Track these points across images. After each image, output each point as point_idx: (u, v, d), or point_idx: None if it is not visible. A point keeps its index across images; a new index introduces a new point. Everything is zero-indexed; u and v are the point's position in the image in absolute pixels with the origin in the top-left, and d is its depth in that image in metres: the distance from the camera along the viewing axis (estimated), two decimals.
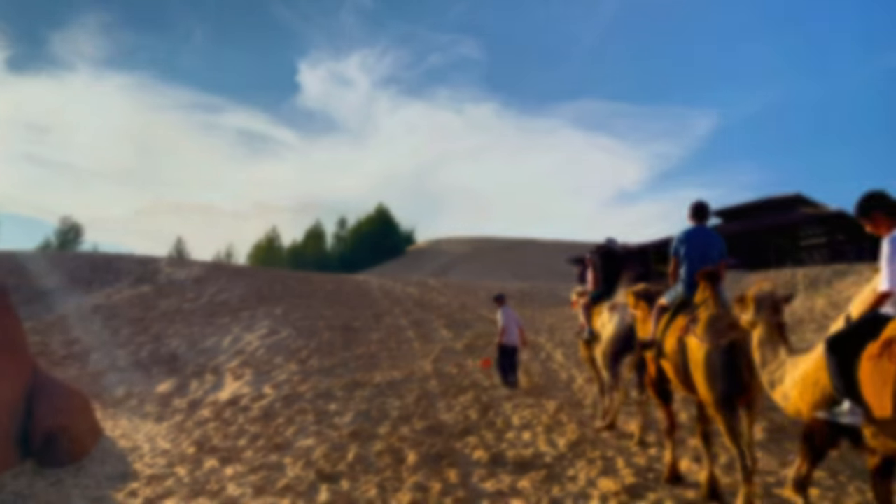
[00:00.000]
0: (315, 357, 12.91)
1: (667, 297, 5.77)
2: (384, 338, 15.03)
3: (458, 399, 9.76)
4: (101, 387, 12.79)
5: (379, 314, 18.35)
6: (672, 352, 5.27)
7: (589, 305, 8.21)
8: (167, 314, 18.86)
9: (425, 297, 23.14)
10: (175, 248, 78.55)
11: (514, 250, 76.52)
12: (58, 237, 69.00)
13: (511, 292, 27.01)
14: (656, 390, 5.97)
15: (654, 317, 5.81)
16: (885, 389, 3.34)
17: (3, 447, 7.86)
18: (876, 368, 3.42)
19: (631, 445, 6.93)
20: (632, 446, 6.89)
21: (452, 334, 15.72)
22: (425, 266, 72.72)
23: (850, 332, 3.74)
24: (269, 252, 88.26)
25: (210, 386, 12.06)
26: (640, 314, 6.29)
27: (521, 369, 11.82)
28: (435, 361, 12.59)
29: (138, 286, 24.51)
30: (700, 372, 4.85)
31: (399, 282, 29.38)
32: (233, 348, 14.36)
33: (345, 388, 10.70)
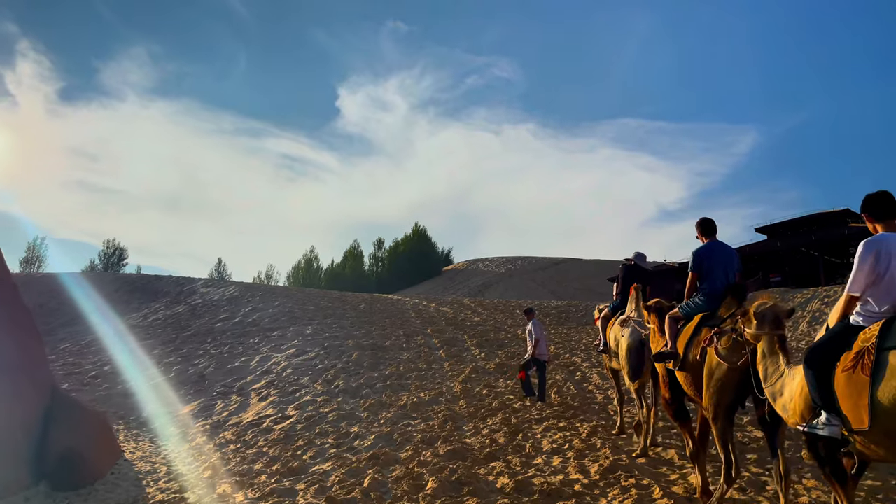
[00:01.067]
0: (342, 377, 12.56)
1: (682, 310, 5.74)
2: (414, 358, 14.62)
3: (486, 421, 9.27)
4: (128, 407, 12.67)
5: (410, 333, 17.96)
6: (694, 362, 5.25)
7: (606, 319, 8.30)
8: (199, 334, 18.82)
9: (459, 317, 22.70)
10: (216, 270, 79.83)
11: (552, 269, 75.52)
12: (102, 259, 70.81)
13: (547, 311, 26.45)
14: (672, 410, 5.92)
15: (669, 328, 5.74)
16: (860, 401, 3.33)
17: (16, 468, 7.67)
18: (850, 380, 3.42)
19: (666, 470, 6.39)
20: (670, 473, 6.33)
21: (484, 354, 15.23)
22: (462, 286, 72.27)
23: (824, 344, 3.76)
24: (307, 273, 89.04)
25: (235, 407, 11.81)
26: (654, 328, 6.28)
27: (554, 390, 11.29)
28: (464, 382, 12.12)
29: (174, 306, 24.68)
30: (712, 383, 4.91)
31: (434, 301, 29.02)
32: (260, 368, 14.13)
33: (369, 409, 10.31)
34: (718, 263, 5.64)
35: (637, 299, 7.44)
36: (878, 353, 3.35)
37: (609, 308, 8.47)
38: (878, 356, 3.34)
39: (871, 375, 3.33)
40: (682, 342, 5.52)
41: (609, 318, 8.31)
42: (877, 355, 3.35)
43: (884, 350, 3.32)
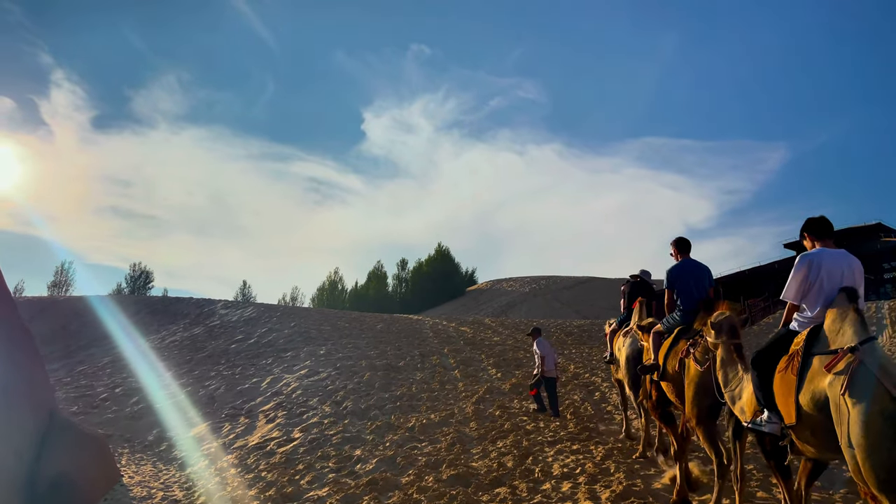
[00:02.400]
0: (351, 398, 12.19)
1: (663, 325, 6.24)
2: (427, 378, 14.21)
3: (495, 444, 8.81)
4: (135, 430, 12.45)
5: (426, 353, 17.56)
6: (673, 372, 5.73)
7: (614, 331, 8.61)
8: (213, 356, 18.64)
9: (478, 336, 22.24)
10: (240, 292, 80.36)
11: (577, 289, 74.56)
12: (129, 283, 71.76)
13: (570, 330, 25.86)
14: (658, 414, 6.41)
15: (652, 343, 6.32)
16: (789, 399, 3.72)
17: (7, 494, 7.41)
18: (783, 380, 3.81)
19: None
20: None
21: (500, 374, 14.75)
22: (486, 306, 71.67)
23: (766, 348, 4.14)
24: (331, 294, 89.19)
25: (242, 429, 11.50)
26: (646, 345, 6.70)
27: (570, 410, 10.80)
28: (477, 402, 11.67)
29: (192, 328, 24.62)
30: (692, 389, 5.34)
31: (454, 321, 28.59)
32: (271, 390, 13.83)
33: (376, 431, 9.91)
34: (690, 280, 6.03)
35: (640, 312, 7.59)
36: (804, 357, 3.73)
37: (617, 321, 8.80)
38: (804, 359, 3.72)
39: (798, 376, 3.71)
40: (662, 354, 6.00)
41: (616, 330, 8.63)
42: (803, 358, 3.73)
43: (810, 354, 3.70)
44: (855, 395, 3.27)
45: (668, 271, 6.20)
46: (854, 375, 3.30)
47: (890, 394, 3.16)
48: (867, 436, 3.18)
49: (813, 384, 3.58)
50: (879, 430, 3.15)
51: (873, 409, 3.18)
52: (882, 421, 3.14)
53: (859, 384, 3.28)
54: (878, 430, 3.15)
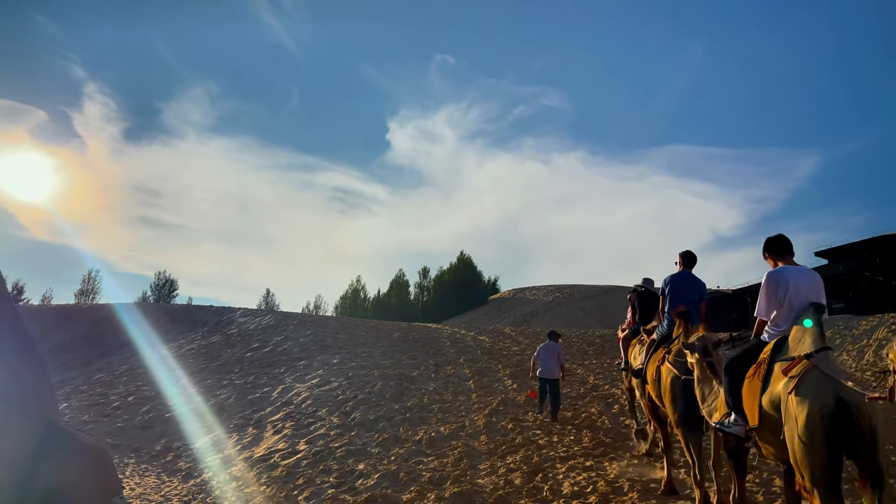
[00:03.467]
0: (360, 409, 11.88)
1: (656, 333, 6.66)
2: (440, 388, 13.84)
3: (505, 459, 8.43)
4: (143, 440, 12.28)
5: (441, 363, 17.19)
6: (653, 378, 6.25)
7: (628, 339, 8.65)
8: (227, 364, 18.49)
9: (496, 346, 21.79)
10: (263, 300, 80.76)
11: (601, 298, 73.53)
12: (153, 291, 72.54)
13: (592, 339, 25.28)
14: (651, 413, 6.98)
15: (646, 350, 6.78)
16: (754, 402, 4.02)
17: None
18: (750, 385, 4.13)
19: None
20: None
21: (517, 385, 14.31)
22: (508, 315, 71.04)
23: (739, 356, 4.46)
24: (353, 302, 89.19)
25: (249, 440, 11.26)
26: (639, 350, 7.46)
27: (587, 423, 10.35)
28: (490, 415, 11.27)
29: (209, 336, 24.57)
30: (667, 395, 5.77)
31: (472, 330, 28.17)
32: (281, 399, 13.59)
33: (382, 444, 9.58)
34: (680, 291, 6.45)
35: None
36: (769, 364, 4.05)
37: (630, 330, 8.72)
38: (769, 366, 4.04)
39: (762, 381, 4.02)
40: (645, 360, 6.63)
41: (630, 338, 8.59)
42: (768, 365, 4.05)
43: (774, 362, 4.01)
44: (801, 395, 3.56)
45: (664, 280, 6.70)
46: (804, 377, 3.60)
47: (833, 395, 3.41)
48: (806, 432, 3.44)
49: (772, 387, 3.92)
50: (818, 427, 3.39)
51: (814, 407, 3.44)
52: (821, 419, 3.39)
53: (807, 386, 3.56)
54: (816, 428, 3.40)
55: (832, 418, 3.36)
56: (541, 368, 11.35)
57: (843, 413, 3.35)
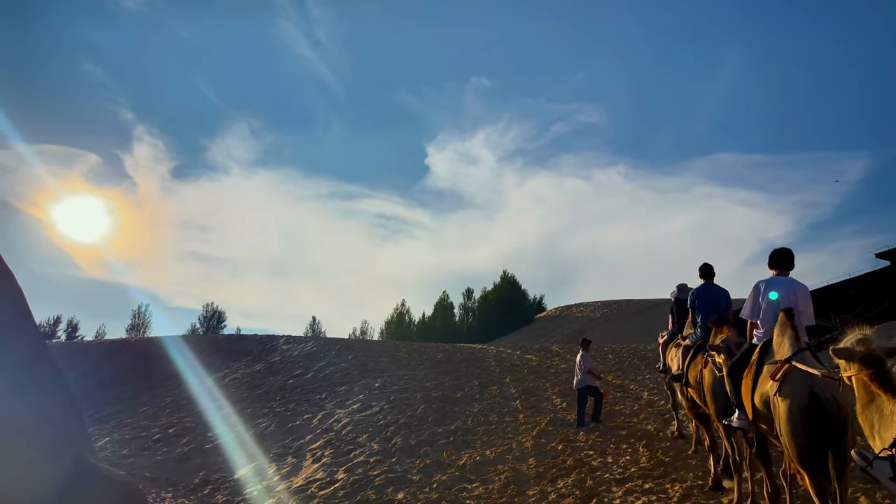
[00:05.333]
0: (401, 434, 11.33)
1: (690, 340, 7.27)
2: (485, 409, 13.19)
3: (555, 484, 7.75)
4: (182, 472, 11.96)
5: (486, 383, 16.53)
6: (695, 381, 6.73)
7: (666, 344, 9.18)
8: (269, 392, 18.21)
9: (544, 364, 21.00)
10: (310, 328, 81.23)
11: (651, 311, 71.56)
12: (202, 323, 73.70)
13: (643, 354, 24.25)
14: (692, 414, 7.52)
15: (681, 355, 7.49)
16: (747, 398, 4.78)
17: None
18: (745, 384, 4.85)
19: None
20: None
21: (566, 403, 13.55)
22: (556, 333, 69.72)
23: (738, 361, 5.14)
24: (399, 326, 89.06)
25: (287, 470, 10.82)
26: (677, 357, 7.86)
27: (643, 443, 9.56)
28: (538, 436, 10.59)
29: (253, 365, 24.44)
30: (709, 394, 6.18)
31: (519, 349, 27.41)
32: (321, 426, 13.14)
33: (423, 470, 9.01)
34: (708, 301, 7.09)
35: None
36: (758, 364, 4.69)
37: (668, 334, 9.26)
38: (758, 367, 4.68)
39: (752, 381, 4.68)
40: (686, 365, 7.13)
41: (668, 342, 9.08)
42: (757, 366, 4.69)
43: (762, 364, 4.63)
44: (782, 394, 4.19)
45: (690, 294, 7.44)
46: (785, 378, 4.22)
47: (808, 391, 3.98)
48: (788, 424, 4.07)
49: (761, 387, 4.56)
50: (797, 418, 4.01)
51: (793, 403, 4.06)
52: (799, 412, 3.99)
53: (788, 385, 4.18)
54: (796, 419, 4.01)
55: (807, 410, 3.95)
56: (576, 380, 11.78)
57: (815, 405, 3.93)
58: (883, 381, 3.27)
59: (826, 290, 43.03)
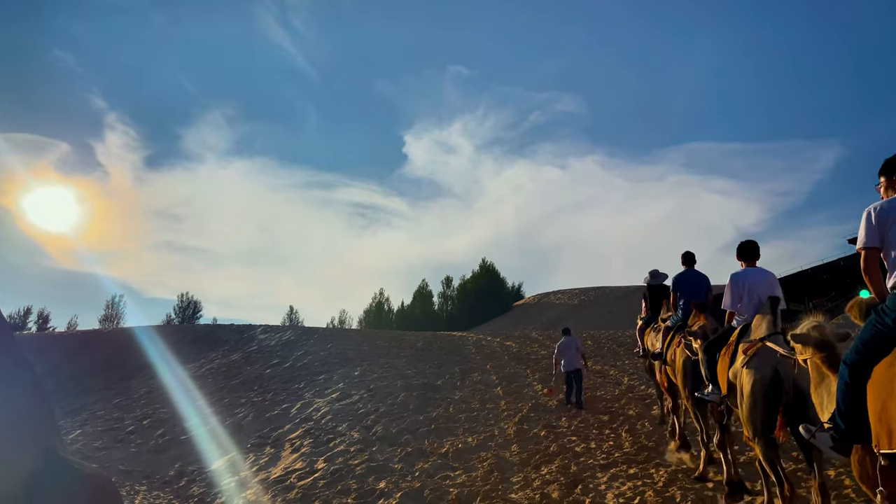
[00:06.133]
0: (382, 422, 11.16)
1: (670, 322, 7.65)
2: (467, 396, 13.08)
3: (539, 470, 7.65)
4: (156, 465, 11.68)
5: (467, 370, 16.43)
6: (671, 360, 7.21)
7: (642, 329, 9.68)
8: (246, 382, 17.92)
9: (524, 351, 20.97)
10: (287, 318, 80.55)
11: (628, 299, 72.13)
12: (177, 313, 72.61)
13: (622, 340, 24.35)
14: (667, 390, 7.95)
15: (661, 336, 7.93)
16: (723, 375, 5.15)
17: None
18: (721, 362, 5.28)
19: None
20: None
21: (547, 389, 13.49)
22: (534, 320, 69.99)
23: (714, 340, 5.65)
24: (377, 315, 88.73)
25: (266, 460, 10.59)
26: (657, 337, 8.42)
27: (625, 428, 9.51)
28: (521, 422, 10.50)
29: (230, 354, 24.09)
30: (679, 374, 6.73)
31: (499, 336, 27.36)
32: (300, 416, 12.92)
33: (405, 458, 8.86)
34: (689, 287, 7.45)
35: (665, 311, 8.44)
36: (735, 345, 5.05)
37: (644, 320, 9.71)
38: (735, 348, 5.03)
39: (730, 359, 5.05)
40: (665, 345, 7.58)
41: (644, 328, 9.57)
42: (734, 347, 5.05)
43: (739, 343, 4.98)
44: (749, 368, 4.55)
45: (673, 279, 7.81)
46: (755, 355, 4.57)
47: (773, 368, 4.33)
48: (750, 396, 4.46)
49: (735, 363, 4.92)
50: (758, 391, 4.40)
51: (757, 377, 4.43)
52: (761, 385, 4.38)
53: (755, 361, 4.53)
54: (756, 391, 4.41)
55: (769, 385, 4.34)
56: (564, 362, 12.12)
57: (776, 381, 4.30)
58: (832, 364, 3.58)
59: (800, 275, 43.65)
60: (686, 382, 6.48)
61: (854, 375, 3.07)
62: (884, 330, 3.00)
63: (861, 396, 3.00)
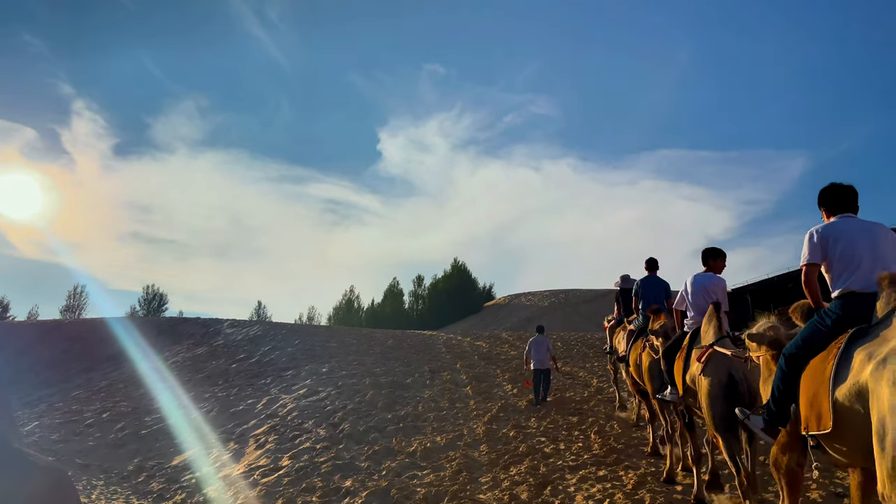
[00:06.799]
0: (349, 420, 10.99)
1: (634, 325, 8.17)
2: (436, 395, 12.96)
3: (508, 471, 7.57)
4: (115, 459, 11.36)
5: (436, 369, 16.31)
6: (634, 363, 7.66)
7: (613, 328, 10.34)
8: (211, 376, 17.57)
9: (494, 351, 20.91)
10: (255, 313, 79.56)
11: (597, 301, 72.74)
12: (142, 305, 71.23)
13: (591, 342, 24.49)
14: (635, 389, 8.36)
15: (626, 339, 8.48)
16: (679, 377, 5.68)
17: None
18: (678, 364, 5.76)
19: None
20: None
21: (517, 390, 13.45)
22: (505, 321, 70.19)
23: (671, 345, 6.09)
24: (347, 313, 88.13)
25: (229, 456, 10.35)
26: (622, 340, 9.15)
27: (595, 429, 9.49)
28: (490, 422, 10.42)
29: (195, 348, 23.63)
30: (646, 374, 7.05)
31: (469, 336, 27.29)
32: (265, 412, 12.67)
33: (372, 457, 8.71)
34: (650, 291, 7.99)
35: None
36: (688, 349, 5.57)
37: (615, 320, 10.42)
38: (688, 351, 5.56)
39: (684, 363, 5.56)
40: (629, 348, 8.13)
41: (614, 328, 10.24)
42: (688, 350, 5.57)
43: (691, 348, 5.51)
44: (705, 373, 5.02)
45: (636, 283, 8.39)
46: (707, 361, 5.04)
47: (726, 371, 4.84)
48: (709, 397, 4.92)
49: (690, 368, 5.37)
50: (716, 393, 4.87)
51: (714, 380, 4.91)
52: (718, 388, 4.86)
53: (710, 366, 5.01)
54: (715, 393, 4.88)
55: (725, 387, 4.84)
56: (534, 360, 12.27)
57: (731, 383, 4.83)
58: None
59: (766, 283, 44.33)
60: (654, 382, 6.82)
61: (791, 366, 3.56)
62: (823, 329, 3.48)
63: (795, 386, 3.49)
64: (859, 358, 2.94)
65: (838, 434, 3.01)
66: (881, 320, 3.11)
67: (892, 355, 2.69)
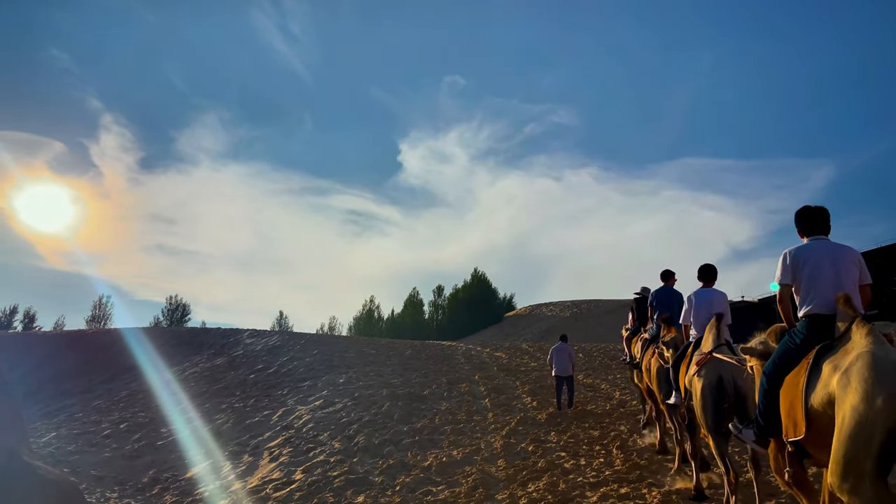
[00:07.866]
0: (365, 432, 10.79)
1: (648, 334, 8.46)
2: (454, 408, 12.71)
3: (526, 487, 7.30)
4: (130, 471, 11.24)
5: (454, 381, 16.06)
6: (646, 369, 8.10)
7: (629, 339, 10.34)
8: (229, 387, 17.48)
9: (514, 362, 20.61)
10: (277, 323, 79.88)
11: (620, 312, 71.87)
12: (165, 315, 71.87)
13: (614, 354, 24.06)
14: (648, 395, 8.72)
15: (640, 346, 8.91)
16: (681, 384, 6.13)
17: None
18: (682, 371, 6.15)
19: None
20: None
21: (537, 402, 13.15)
22: (526, 331, 69.61)
23: (679, 355, 6.45)
24: (367, 323, 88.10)
25: (242, 469, 10.19)
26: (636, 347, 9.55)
27: (617, 444, 9.17)
28: (508, 436, 10.15)
29: (214, 359, 23.62)
30: (655, 381, 7.49)
31: (488, 346, 26.98)
32: (281, 423, 12.52)
33: (386, 472, 8.49)
34: (664, 302, 8.19)
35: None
36: (690, 357, 6.03)
37: (631, 331, 10.42)
38: (690, 359, 5.99)
39: (686, 369, 5.99)
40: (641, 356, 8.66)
41: (631, 338, 10.26)
42: (690, 359, 6.01)
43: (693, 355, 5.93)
44: (698, 376, 5.44)
45: (651, 294, 8.64)
46: (702, 366, 5.45)
47: (717, 375, 5.25)
48: (701, 399, 5.36)
49: (689, 372, 5.75)
50: (706, 394, 5.30)
51: (705, 383, 5.33)
52: (708, 390, 5.29)
53: (704, 370, 5.41)
54: (705, 395, 5.30)
55: (714, 389, 5.23)
56: (555, 367, 12.48)
57: (720, 386, 5.21)
58: None
59: None
60: (661, 388, 7.20)
61: (770, 383, 3.93)
62: (794, 348, 3.87)
63: (775, 400, 3.84)
64: (827, 370, 3.31)
65: (812, 438, 3.35)
66: (842, 334, 3.51)
67: (852, 364, 3.08)
